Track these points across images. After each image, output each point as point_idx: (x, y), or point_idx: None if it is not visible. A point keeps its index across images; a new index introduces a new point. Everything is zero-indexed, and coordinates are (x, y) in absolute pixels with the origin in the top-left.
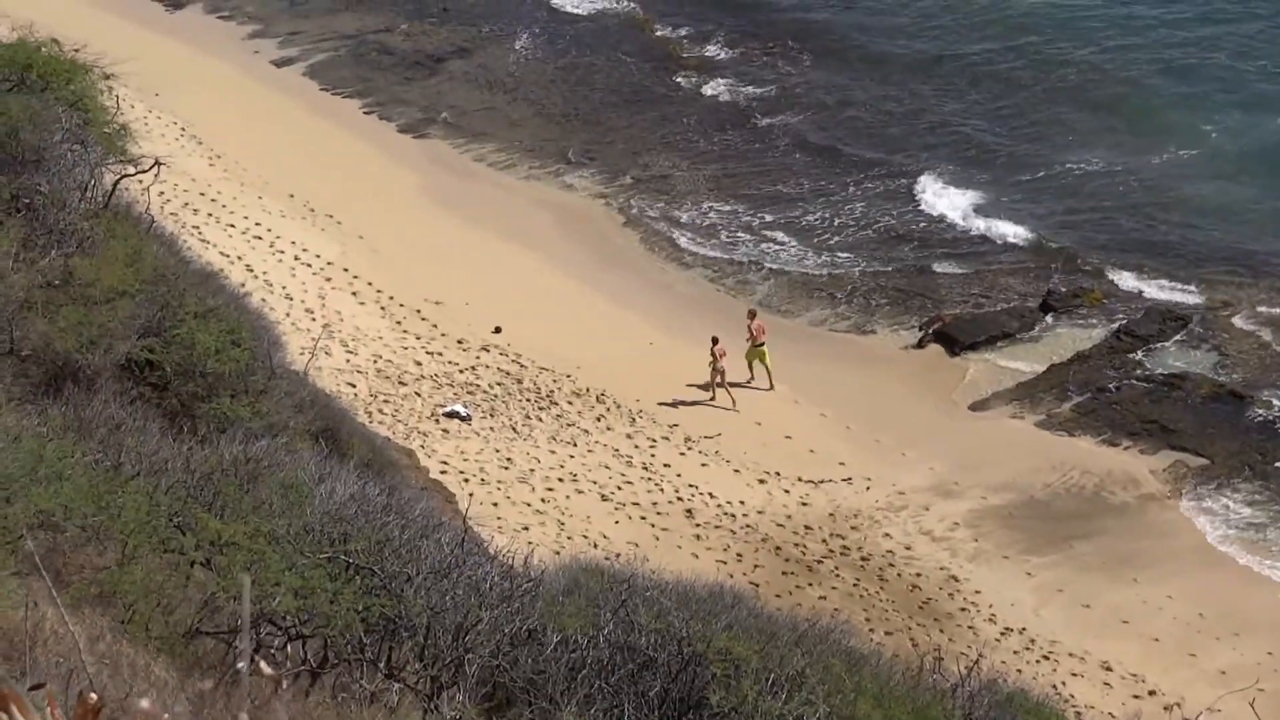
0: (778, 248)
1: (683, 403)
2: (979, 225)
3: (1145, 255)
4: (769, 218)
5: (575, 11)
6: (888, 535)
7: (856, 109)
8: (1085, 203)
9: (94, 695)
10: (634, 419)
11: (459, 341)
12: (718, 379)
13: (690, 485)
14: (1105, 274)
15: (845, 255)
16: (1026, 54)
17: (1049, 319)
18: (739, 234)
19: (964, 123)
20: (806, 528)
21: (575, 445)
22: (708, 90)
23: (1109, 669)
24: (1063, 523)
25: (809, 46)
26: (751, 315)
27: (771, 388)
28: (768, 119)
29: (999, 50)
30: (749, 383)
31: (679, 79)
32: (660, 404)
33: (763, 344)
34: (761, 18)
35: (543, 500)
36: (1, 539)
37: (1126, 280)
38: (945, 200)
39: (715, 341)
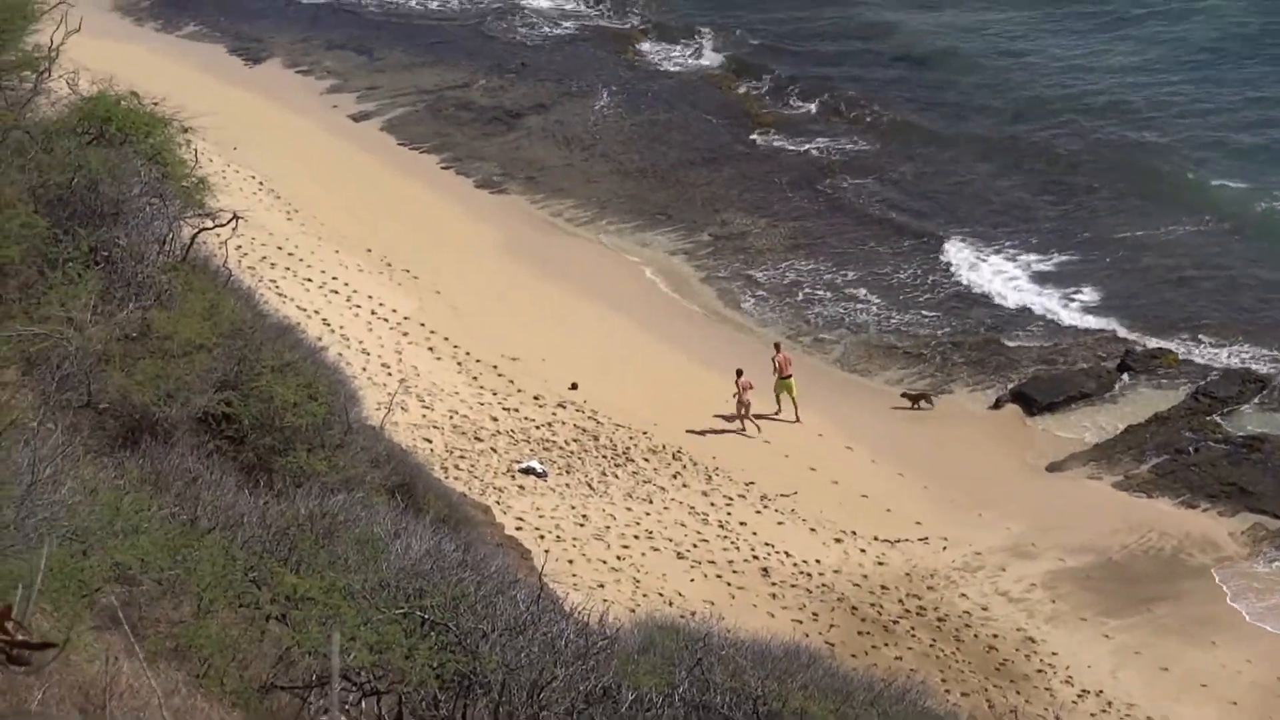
0: (856, 307)
1: (712, 432)
2: (1054, 289)
3: (1221, 318)
4: (848, 276)
5: (655, 68)
6: (964, 595)
7: (929, 178)
8: (1159, 270)
9: None
10: (710, 476)
11: (535, 397)
12: (743, 410)
13: (766, 544)
14: (1181, 336)
15: (921, 316)
16: (1086, 134)
17: (1126, 380)
18: (817, 292)
19: (1035, 196)
20: (883, 587)
21: (651, 502)
22: (786, 148)
23: None
24: (1140, 585)
25: (884, 112)
26: (777, 348)
27: (798, 420)
28: (844, 180)
29: (1060, 129)
30: (776, 414)
31: (756, 137)
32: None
33: (789, 376)
34: (839, 79)
35: (618, 557)
36: (78, 592)
37: (1203, 343)
38: (1019, 266)
39: (740, 374)
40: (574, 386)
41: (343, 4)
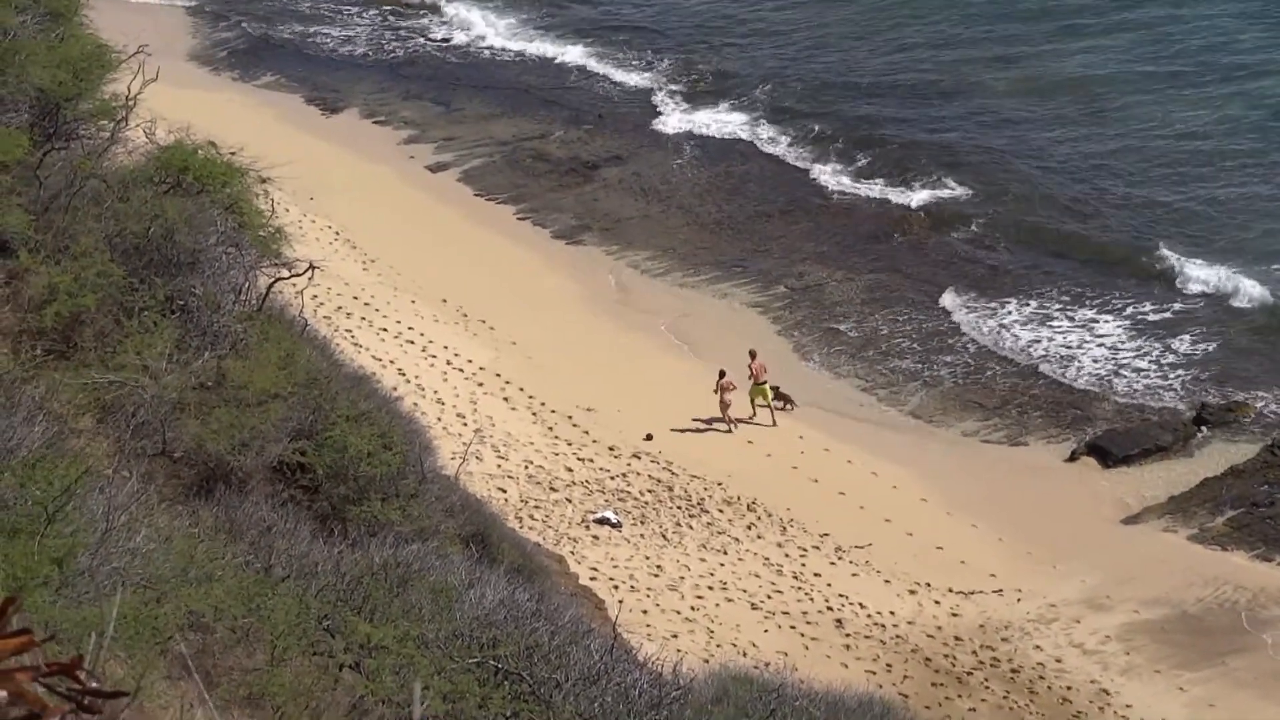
0: (931, 359)
1: (692, 431)
2: (1130, 342)
3: None
4: (923, 329)
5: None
6: (1038, 647)
7: (1007, 231)
8: (1236, 324)
9: None
10: (785, 528)
11: (610, 448)
12: (725, 410)
13: (840, 595)
14: (1258, 390)
15: (996, 368)
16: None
17: (1203, 433)
18: (894, 342)
19: (1102, 233)
20: (957, 639)
21: (725, 553)
22: (861, 200)
23: None
24: (1215, 638)
25: (960, 165)
26: (753, 355)
27: (774, 424)
28: (917, 232)
29: (1139, 185)
30: (751, 418)
31: (831, 188)
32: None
33: (764, 382)
34: (913, 132)
35: (692, 608)
36: (152, 640)
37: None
38: (1094, 315)
39: (722, 375)
40: (649, 437)
41: (420, 55)
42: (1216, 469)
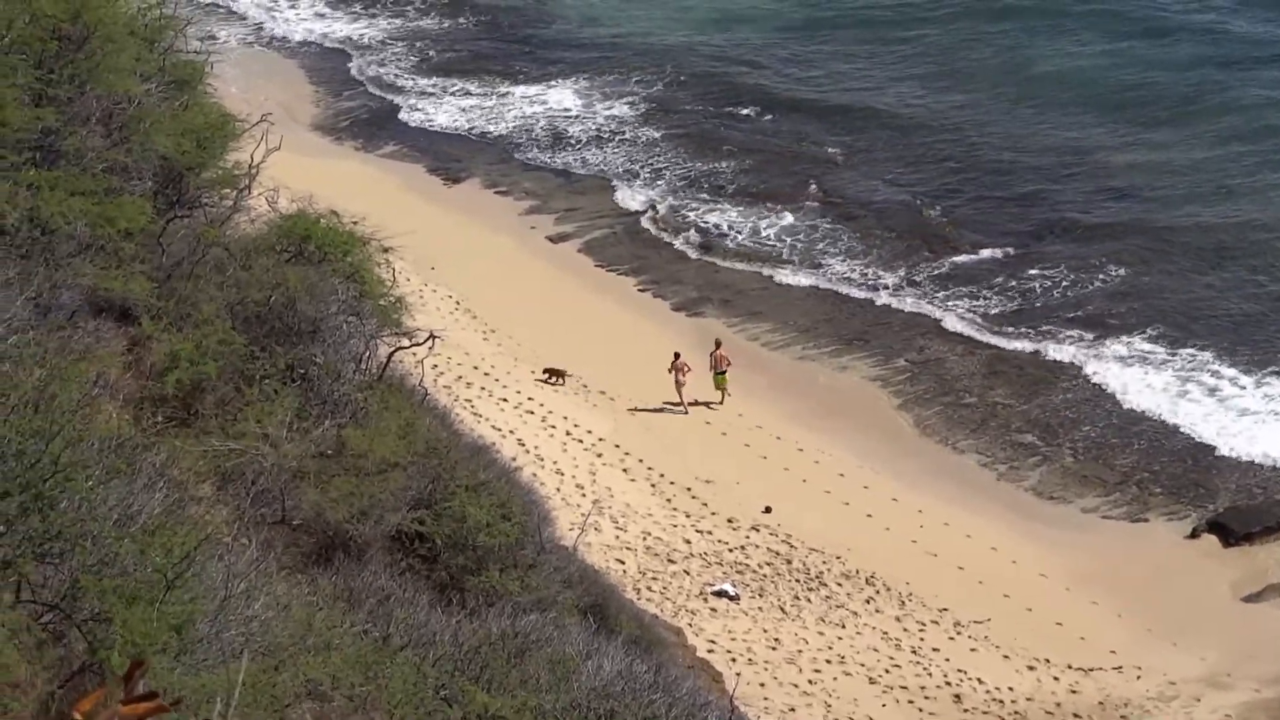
0: (1051, 435)
1: (656, 411)
2: (1250, 417)
3: None
4: (1043, 405)
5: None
6: None
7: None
8: None
9: None
10: (903, 602)
11: (729, 520)
12: (679, 391)
13: (959, 670)
14: None
15: (1116, 442)
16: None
17: None
18: (1012, 420)
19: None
20: (1075, 715)
21: (844, 627)
22: (982, 271)
23: None
24: None
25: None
26: (717, 345)
27: (722, 403)
28: (1043, 306)
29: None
30: (713, 404)
31: (946, 260)
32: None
33: (724, 371)
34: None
35: (810, 681)
36: (271, 707)
37: None
38: (1209, 387)
39: (677, 356)
40: (768, 510)
41: (541, 126)
42: None
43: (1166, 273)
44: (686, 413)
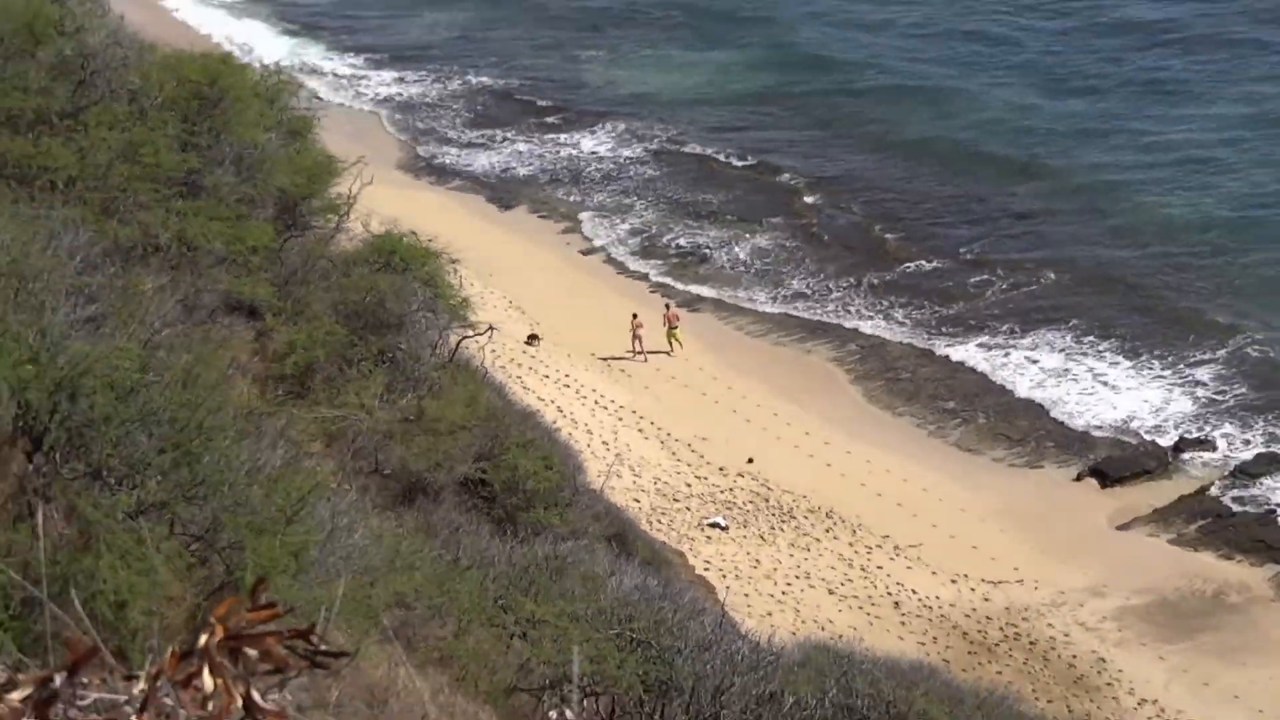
0: (970, 401)
1: (615, 359)
2: (1127, 391)
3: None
4: (969, 375)
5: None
6: (1050, 625)
7: (1027, 289)
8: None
9: None
10: (855, 531)
11: (720, 469)
12: (637, 344)
13: (898, 583)
14: (1225, 426)
15: (1020, 408)
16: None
17: (1182, 459)
18: (938, 391)
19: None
20: (987, 618)
21: (809, 550)
22: (928, 277)
23: None
24: (1188, 619)
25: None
26: (668, 306)
27: (672, 354)
28: (968, 291)
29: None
30: (670, 353)
31: (896, 268)
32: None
33: (675, 327)
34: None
35: (783, 593)
36: (366, 615)
37: (1243, 430)
38: (1090, 367)
39: (635, 316)
40: (750, 461)
41: (569, 166)
42: (1191, 488)
43: (1068, 285)
44: (646, 360)
